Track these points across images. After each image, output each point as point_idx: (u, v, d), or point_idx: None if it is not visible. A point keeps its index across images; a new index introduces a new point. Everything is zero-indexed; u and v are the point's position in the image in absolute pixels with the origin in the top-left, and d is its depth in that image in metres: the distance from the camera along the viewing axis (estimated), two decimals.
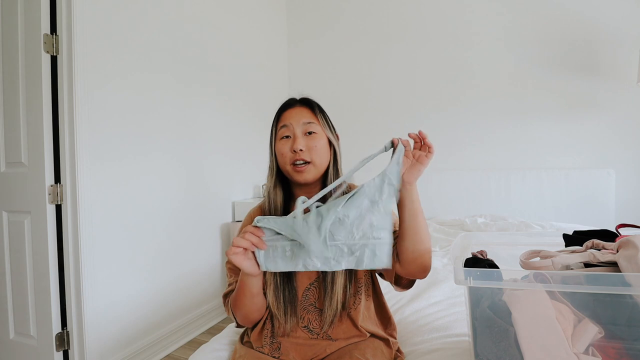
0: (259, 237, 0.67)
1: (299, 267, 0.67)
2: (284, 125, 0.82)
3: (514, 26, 2.35)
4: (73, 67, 1.48)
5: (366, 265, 0.66)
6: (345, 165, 0.88)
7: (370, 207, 0.66)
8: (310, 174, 0.81)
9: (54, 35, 1.49)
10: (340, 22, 2.87)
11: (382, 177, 0.67)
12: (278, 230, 0.67)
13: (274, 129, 0.85)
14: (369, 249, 0.66)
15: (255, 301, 0.79)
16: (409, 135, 0.72)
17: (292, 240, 0.67)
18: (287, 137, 0.82)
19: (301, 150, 0.79)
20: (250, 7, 2.62)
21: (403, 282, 0.83)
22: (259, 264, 0.69)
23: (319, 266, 0.66)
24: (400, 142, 0.69)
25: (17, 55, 1.52)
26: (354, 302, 0.84)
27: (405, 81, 2.68)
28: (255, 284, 0.76)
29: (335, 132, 0.88)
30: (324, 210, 0.66)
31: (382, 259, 0.66)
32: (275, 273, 0.81)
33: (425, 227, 0.74)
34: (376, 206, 0.66)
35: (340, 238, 0.66)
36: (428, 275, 1.50)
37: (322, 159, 0.82)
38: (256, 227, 0.68)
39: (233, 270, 0.88)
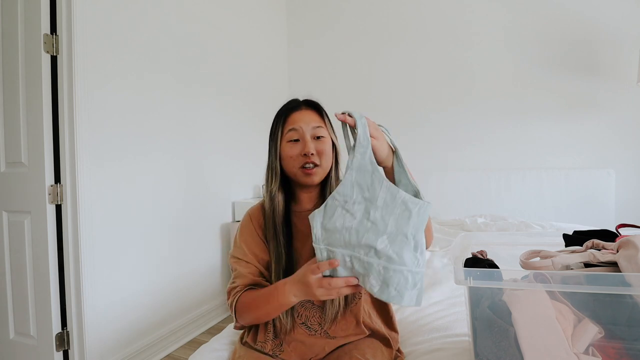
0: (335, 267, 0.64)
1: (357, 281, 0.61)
2: (293, 129, 0.82)
3: (514, 26, 2.35)
4: (73, 67, 1.47)
5: (420, 300, 0.57)
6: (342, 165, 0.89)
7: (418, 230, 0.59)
8: (318, 177, 0.82)
9: (54, 35, 1.49)
10: (340, 22, 2.87)
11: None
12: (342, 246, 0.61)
13: (279, 130, 0.84)
14: (421, 282, 0.57)
15: (276, 313, 0.78)
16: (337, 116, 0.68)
17: (356, 246, 0.60)
18: (295, 140, 0.82)
19: (312, 154, 0.80)
20: (250, 7, 2.62)
21: None
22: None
23: (376, 290, 0.57)
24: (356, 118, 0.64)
25: (17, 55, 1.52)
26: (355, 296, 0.84)
27: (405, 81, 2.67)
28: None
29: (335, 133, 0.89)
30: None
31: (421, 295, 0.58)
32: (276, 271, 0.82)
33: None
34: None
35: (407, 262, 0.56)
36: (428, 275, 1.50)
37: (328, 162, 0.84)
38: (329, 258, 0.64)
39: (238, 262, 0.85)
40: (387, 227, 0.57)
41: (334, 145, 0.86)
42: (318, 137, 0.83)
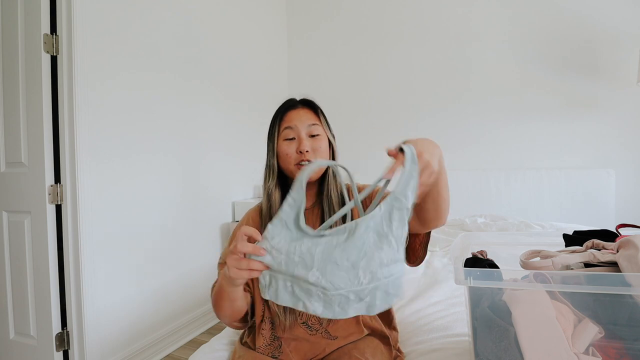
0: (259, 260, 0.59)
1: (299, 307, 0.57)
2: (289, 127, 0.84)
3: (514, 26, 2.35)
4: (73, 67, 1.47)
5: (379, 308, 0.55)
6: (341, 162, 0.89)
7: (379, 242, 0.54)
8: (314, 174, 0.83)
9: (54, 35, 1.49)
10: (340, 22, 2.87)
11: (390, 202, 0.54)
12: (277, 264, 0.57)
13: (276, 129, 0.86)
14: (380, 291, 0.54)
15: (235, 305, 0.77)
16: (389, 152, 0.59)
17: (292, 276, 0.57)
18: (291, 138, 0.83)
19: (307, 151, 0.81)
20: (250, 6, 2.62)
21: (412, 258, 0.81)
22: (261, 288, 0.60)
23: (320, 311, 0.56)
24: (410, 150, 0.54)
25: (17, 55, 1.52)
26: None
27: (405, 79, 2.67)
28: (238, 292, 0.73)
29: (332, 132, 0.89)
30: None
31: (397, 294, 0.55)
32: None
33: (447, 186, 0.67)
34: (385, 239, 0.54)
35: (342, 286, 0.54)
36: (428, 275, 1.50)
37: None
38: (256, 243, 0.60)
39: (221, 266, 0.86)
40: (314, 261, 0.55)
41: (330, 143, 0.87)
42: (313, 136, 0.84)
